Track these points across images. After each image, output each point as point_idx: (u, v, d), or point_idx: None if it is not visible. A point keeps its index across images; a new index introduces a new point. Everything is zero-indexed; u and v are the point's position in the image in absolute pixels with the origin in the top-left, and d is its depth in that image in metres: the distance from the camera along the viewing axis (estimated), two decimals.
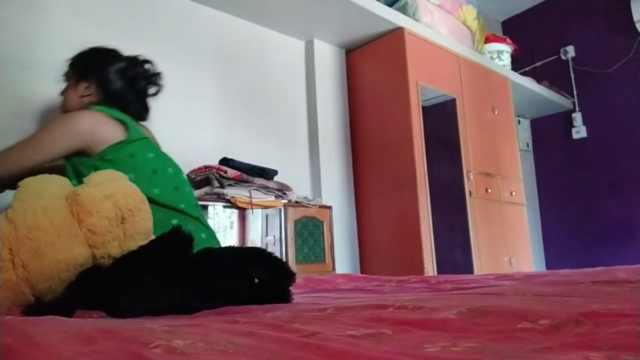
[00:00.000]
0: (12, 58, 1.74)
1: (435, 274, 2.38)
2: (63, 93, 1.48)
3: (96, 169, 1.23)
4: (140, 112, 1.49)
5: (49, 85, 1.80)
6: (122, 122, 1.36)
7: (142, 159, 1.33)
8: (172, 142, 1.73)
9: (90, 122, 1.31)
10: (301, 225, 2.18)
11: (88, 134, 1.29)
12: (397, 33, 2.67)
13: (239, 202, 1.94)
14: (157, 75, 1.51)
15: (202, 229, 1.35)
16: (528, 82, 3.69)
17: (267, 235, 2.16)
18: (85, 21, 1.93)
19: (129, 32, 2.06)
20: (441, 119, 2.86)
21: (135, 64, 1.48)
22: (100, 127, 1.32)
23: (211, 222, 1.87)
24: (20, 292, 0.91)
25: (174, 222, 1.25)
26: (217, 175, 1.93)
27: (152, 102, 1.52)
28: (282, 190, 2.14)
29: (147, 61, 1.50)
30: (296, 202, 2.21)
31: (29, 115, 1.74)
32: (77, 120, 1.31)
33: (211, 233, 1.41)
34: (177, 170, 1.42)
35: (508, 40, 3.66)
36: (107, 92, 1.43)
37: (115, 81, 1.44)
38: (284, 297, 1.08)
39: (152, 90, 1.51)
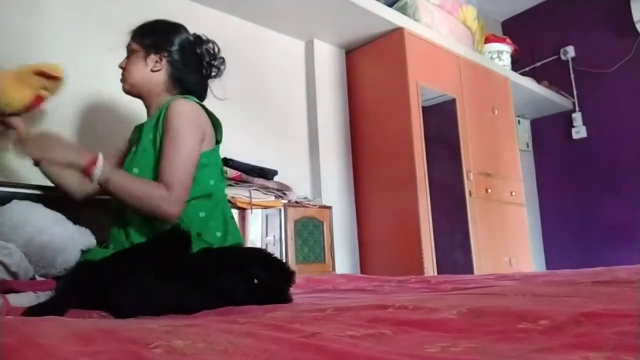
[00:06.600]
0: (11, 57, 1.74)
1: (435, 274, 2.38)
2: (124, 66, 1.36)
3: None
4: (202, 94, 1.42)
5: None
6: (213, 123, 1.32)
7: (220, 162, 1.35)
8: None
9: (204, 119, 1.28)
10: (301, 226, 2.18)
11: (205, 133, 1.26)
12: (397, 33, 2.67)
13: (239, 202, 1.94)
14: (222, 59, 1.44)
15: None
16: (528, 82, 3.68)
17: (267, 235, 2.16)
18: (84, 21, 1.93)
19: (129, 31, 2.05)
20: (441, 119, 2.85)
21: (202, 41, 1.42)
22: (208, 127, 1.28)
23: None
24: None
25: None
26: None
27: None
28: (282, 190, 2.14)
29: (211, 41, 1.43)
30: (296, 202, 2.21)
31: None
32: (200, 117, 1.26)
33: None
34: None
35: (508, 40, 3.66)
36: (176, 68, 1.35)
37: (185, 57, 1.36)
38: (284, 298, 1.08)
39: (213, 71, 1.43)
